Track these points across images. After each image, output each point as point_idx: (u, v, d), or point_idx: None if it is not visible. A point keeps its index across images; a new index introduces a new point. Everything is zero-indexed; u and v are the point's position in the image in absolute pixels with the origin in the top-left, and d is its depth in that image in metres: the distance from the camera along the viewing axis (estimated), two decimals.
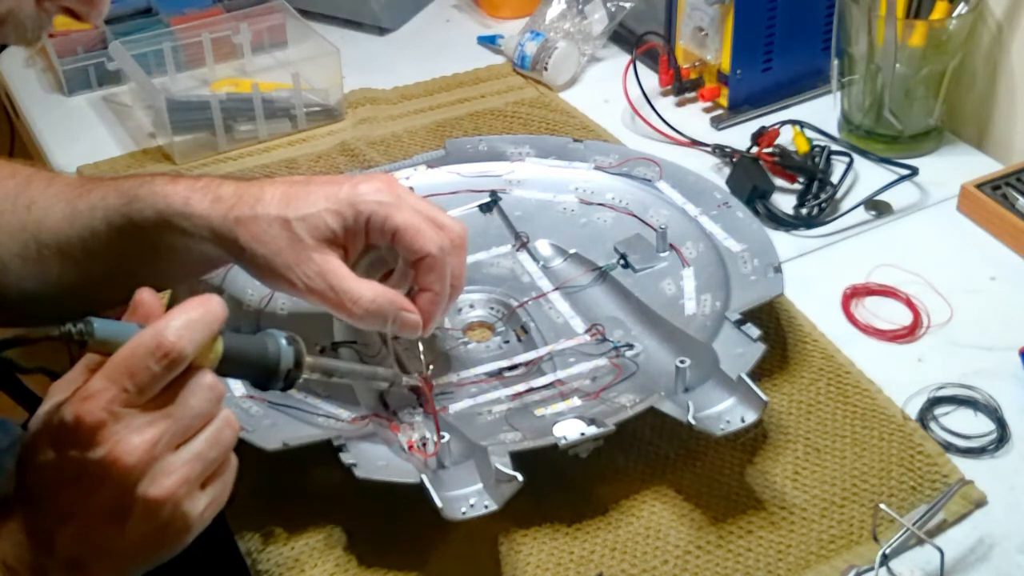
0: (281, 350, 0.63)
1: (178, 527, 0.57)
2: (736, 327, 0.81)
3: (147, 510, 0.55)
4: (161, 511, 0.55)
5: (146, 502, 0.55)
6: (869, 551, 0.72)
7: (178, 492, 0.55)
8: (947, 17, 1.04)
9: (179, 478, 0.55)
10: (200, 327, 0.55)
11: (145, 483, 0.55)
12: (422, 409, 0.80)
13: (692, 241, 0.93)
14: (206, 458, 0.57)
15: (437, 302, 0.76)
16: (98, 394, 0.53)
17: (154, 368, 0.53)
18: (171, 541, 0.57)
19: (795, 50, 1.17)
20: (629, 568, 0.73)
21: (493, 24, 1.38)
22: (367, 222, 0.75)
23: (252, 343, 0.63)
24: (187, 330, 0.54)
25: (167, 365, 0.54)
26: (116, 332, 0.54)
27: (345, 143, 1.14)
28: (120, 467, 0.54)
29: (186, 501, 0.56)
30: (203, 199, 0.75)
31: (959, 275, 0.94)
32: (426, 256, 0.75)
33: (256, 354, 0.62)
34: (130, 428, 0.54)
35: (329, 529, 0.76)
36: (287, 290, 0.76)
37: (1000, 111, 1.11)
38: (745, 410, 0.74)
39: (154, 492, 0.55)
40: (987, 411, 0.82)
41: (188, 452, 0.56)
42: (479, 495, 0.70)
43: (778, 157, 1.06)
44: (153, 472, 0.55)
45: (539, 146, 1.05)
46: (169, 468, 0.55)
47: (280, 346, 0.63)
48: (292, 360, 0.64)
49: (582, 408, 0.79)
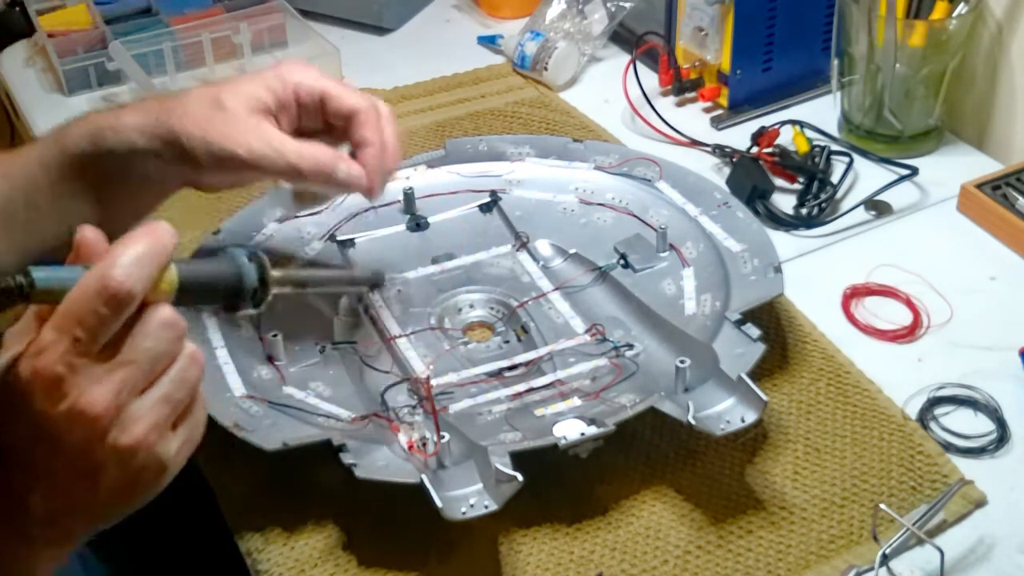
0: (243, 269, 0.59)
1: (153, 472, 0.55)
2: (736, 327, 0.81)
3: (119, 459, 0.53)
4: (134, 458, 0.54)
5: (117, 451, 0.53)
6: (869, 551, 0.72)
7: (149, 437, 0.54)
8: (947, 17, 1.04)
9: (148, 423, 0.53)
10: (147, 260, 0.52)
11: (114, 433, 0.53)
12: (422, 409, 0.80)
13: (692, 241, 0.93)
14: (173, 399, 0.54)
15: (377, 154, 0.78)
16: (51, 347, 0.51)
17: (103, 312, 0.51)
18: (147, 486, 0.56)
19: (795, 50, 1.17)
20: (629, 568, 0.73)
21: (493, 24, 1.38)
22: (296, 91, 0.77)
23: (210, 267, 0.59)
24: (134, 266, 0.51)
25: (116, 307, 0.51)
26: (60, 279, 0.51)
27: None
28: (86, 420, 0.52)
29: (158, 445, 0.54)
30: (132, 112, 0.76)
31: (959, 275, 0.94)
32: (358, 111, 0.78)
33: (216, 278, 0.58)
34: (90, 379, 0.51)
35: (329, 529, 0.76)
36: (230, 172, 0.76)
37: (1000, 111, 1.11)
38: (745, 410, 0.74)
39: (124, 440, 0.53)
40: (987, 411, 0.82)
41: (154, 396, 0.54)
42: (479, 495, 0.70)
43: (778, 157, 1.06)
44: (121, 421, 0.53)
45: (539, 146, 1.05)
46: (136, 415, 0.53)
47: (242, 265, 0.59)
48: (256, 277, 0.60)
49: (582, 408, 0.79)
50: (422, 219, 0.99)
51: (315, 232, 0.97)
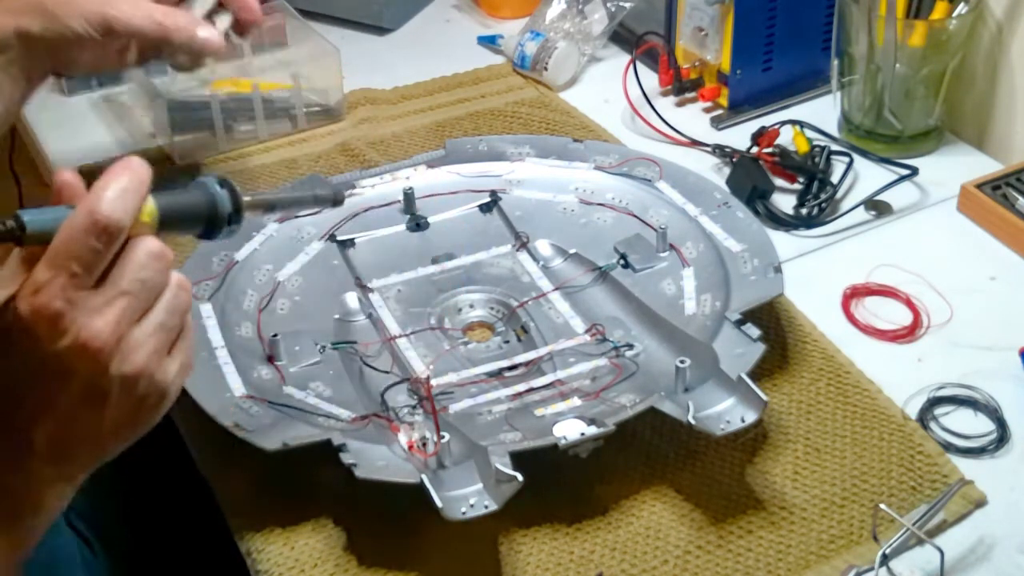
0: (216, 196, 0.61)
1: (155, 398, 0.57)
2: (736, 327, 0.81)
3: (124, 388, 0.55)
4: (137, 386, 0.55)
5: (123, 380, 0.55)
6: (869, 551, 0.72)
7: (150, 365, 0.55)
8: (947, 17, 1.04)
9: (149, 350, 0.55)
10: (130, 193, 0.54)
11: (117, 362, 0.54)
12: (422, 409, 0.80)
13: (692, 241, 0.93)
14: (168, 326, 0.56)
15: None
16: (48, 284, 0.52)
17: (95, 245, 0.52)
18: (150, 413, 0.57)
19: (795, 50, 1.17)
20: (629, 568, 0.73)
21: (493, 24, 1.38)
22: None
23: (186, 197, 0.61)
24: (119, 199, 0.53)
25: (107, 239, 0.53)
26: (49, 220, 0.53)
27: (345, 143, 1.14)
28: (90, 352, 0.53)
29: (158, 371, 0.56)
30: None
31: (959, 275, 0.94)
32: None
33: (193, 207, 0.61)
34: (90, 312, 0.53)
35: (329, 529, 0.76)
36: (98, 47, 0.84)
37: (1000, 111, 1.11)
38: (745, 410, 0.74)
39: (128, 369, 0.54)
40: (987, 411, 0.82)
41: (151, 324, 0.55)
42: (479, 495, 0.70)
43: (778, 157, 1.06)
44: (122, 350, 0.54)
45: (539, 146, 1.05)
46: (136, 343, 0.55)
47: (215, 192, 0.61)
48: (229, 203, 0.62)
49: (582, 408, 0.79)
50: (422, 219, 0.99)
51: (315, 232, 0.97)
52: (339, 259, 0.94)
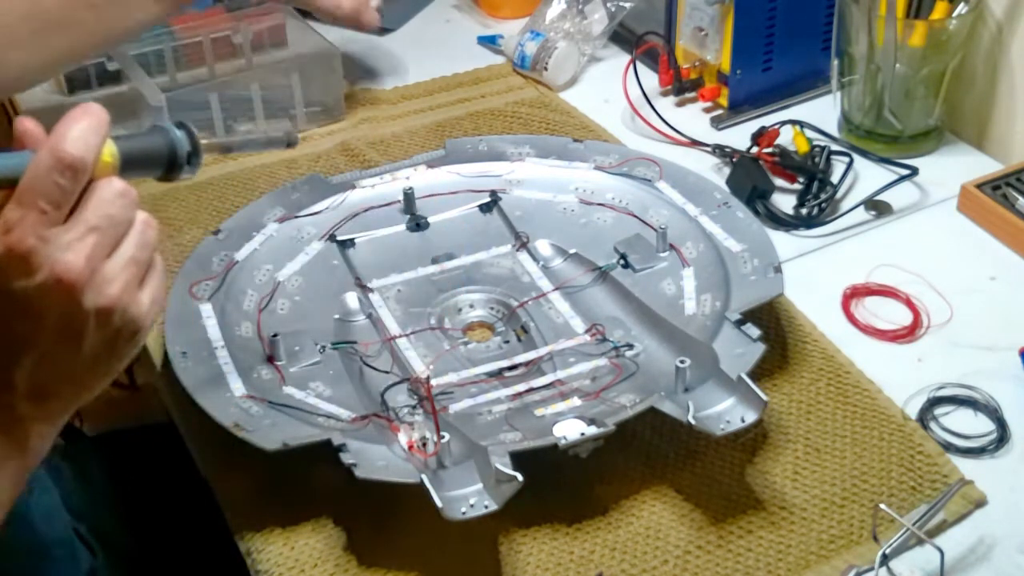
0: (175, 139, 0.63)
1: (130, 331, 0.58)
2: (736, 327, 0.81)
3: (99, 321, 0.56)
4: (112, 319, 0.56)
5: (97, 313, 0.56)
6: (869, 551, 0.72)
7: (123, 298, 0.57)
8: (947, 17, 1.04)
9: (121, 283, 0.56)
10: (92, 133, 0.55)
11: (91, 295, 0.55)
12: (422, 409, 0.80)
13: (692, 241, 0.93)
14: (139, 260, 0.58)
15: None
16: (20, 222, 0.53)
17: (62, 182, 0.54)
18: (126, 346, 0.59)
19: (795, 50, 1.17)
20: (629, 568, 0.73)
21: (493, 24, 1.38)
22: None
23: (146, 139, 0.63)
24: (81, 138, 0.54)
25: (73, 175, 0.54)
26: (15, 163, 0.54)
27: (345, 143, 1.14)
28: (65, 286, 0.54)
29: (132, 303, 0.57)
30: None
31: (959, 275, 0.94)
32: None
33: (153, 148, 0.63)
34: (62, 247, 0.54)
35: (329, 529, 0.76)
36: None
37: (1000, 111, 1.11)
38: (745, 410, 0.74)
39: (102, 301, 0.56)
40: (987, 411, 0.82)
41: (121, 258, 0.57)
42: (479, 495, 0.70)
43: (778, 157, 1.06)
44: (96, 283, 0.55)
45: (539, 146, 1.05)
46: (109, 276, 0.56)
47: (174, 135, 0.63)
48: (188, 144, 0.64)
49: (582, 408, 0.79)
50: (422, 219, 0.99)
51: (315, 232, 0.97)
52: (339, 259, 0.94)
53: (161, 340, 0.87)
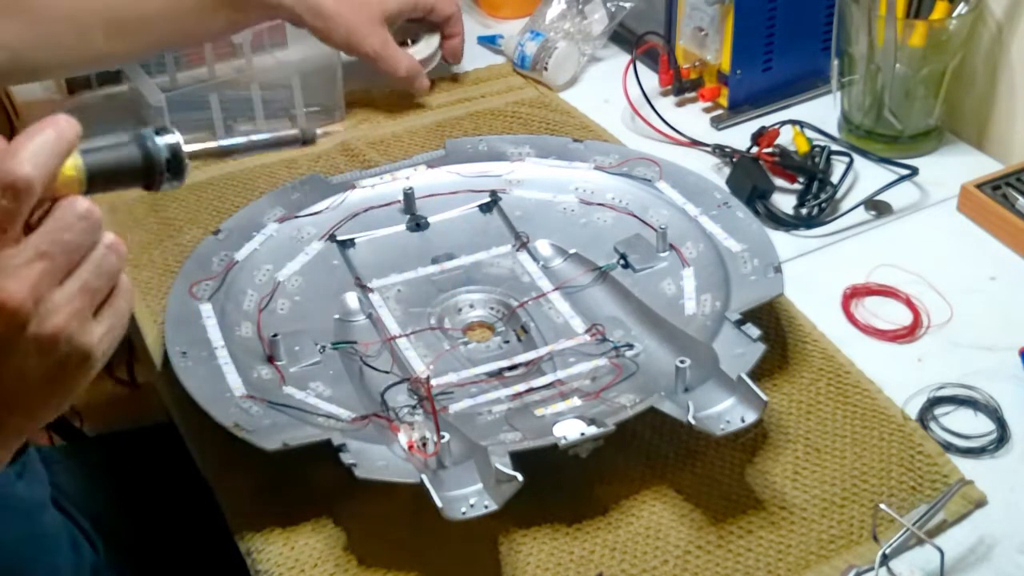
0: (151, 148, 0.58)
1: (77, 361, 0.55)
2: (736, 327, 0.81)
3: (40, 349, 0.54)
4: (55, 348, 0.54)
5: (38, 341, 0.53)
6: (869, 551, 0.72)
7: (69, 327, 0.54)
8: (947, 17, 1.04)
9: (67, 314, 0.54)
10: (44, 149, 0.52)
11: (34, 324, 0.53)
12: (422, 409, 0.80)
13: (692, 241, 0.93)
14: (91, 287, 0.55)
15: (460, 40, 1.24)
16: None
17: (3, 203, 0.51)
18: (74, 376, 0.56)
19: (795, 50, 1.17)
20: (629, 568, 0.73)
21: (493, 24, 1.38)
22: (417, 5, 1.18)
23: (118, 152, 0.58)
24: (30, 156, 0.52)
25: (15, 196, 0.51)
26: None
27: (345, 143, 1.14)
28: (5, 312, 0.52)
29: (80, 334, 0.55)
30: None
31: (959, 275, 0.94)
32: (451, 15, 1.22)
33: (125, 160, 0.58)
34: (6, 273, 0.52)
35: (329, 529, 0.76)
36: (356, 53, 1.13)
37: (1000, 111, 1.11)
38: (745, 410, 0.74)
39: (46, 331, 0.53)
40: (987, 411, 0.82)
41: (73, 286, 0.54)
42: (479, 495, 0.70)
43: (778, 157, 1.06)
44: (40, 312, 0.53)
45: (539, 146, 1.05)
46: (55, 306, 0.53)
47: (151, 144, 0.58)
48: (167, 152, 0.58)
49: (582, 408, 0.79)
50: (422, 219, 0.99)
51: (315, 232, 0.97)
52: (339, 259, 0.94)
53: (161, 340, 0.87)
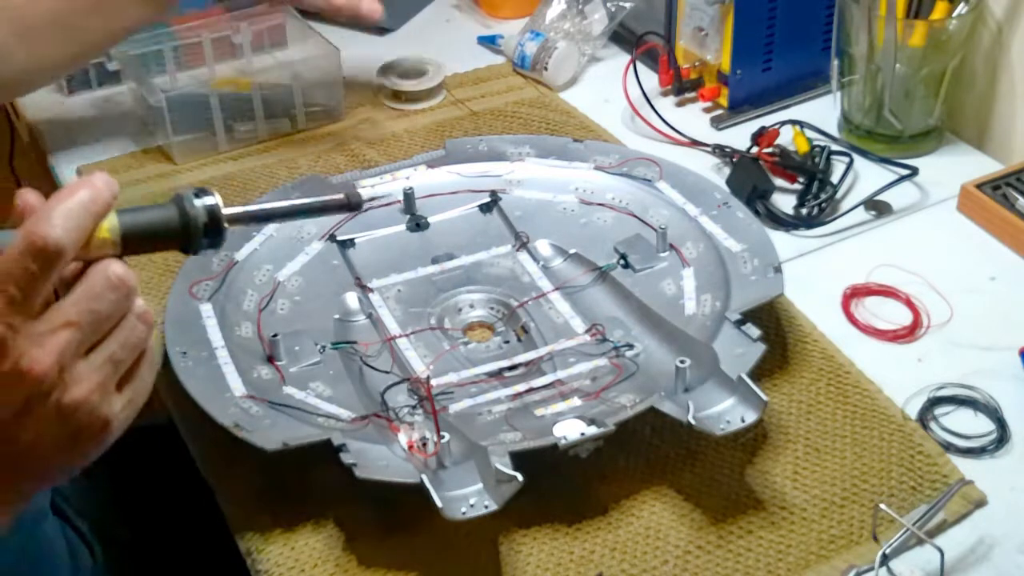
0: (188, 210, 0.57)
1: (95, 430, 0.55)
2: (736, 327, 0.81)
3: (61, 418, 0.53)
4: (75, 416, 0.53)
5: (59, 410, 0.53)
6: (869, 551, 0.72)
7: (91, 399, 0.53)
8: (947, 17, 1.04)
9: (91, 385, 0.53)
10: (77, 212, 0.51)
11: (57, 393, 0.52)
12: (422, 409, 0.80)
13: (692, 241, 0.93)
14: (118, 360, 0.54)
15: None
16: None
17: (32, 268, 0.50)
18: (89, 444, 0.55)
19: (795, 50, 1.17)
20: (629, 568, 0.73)
21: (493, 24, 1.38)
22: None
23: (155, 213, 0.57)
24: (60, 219, 0.50)
25: (44, 261, 0.50)
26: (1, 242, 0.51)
27: (345, 143, 1.14)
28: (30, 380, 0.51)
29: (101, 406, 0.54)
30: None
31: (959, 275, 0.94)
32: None
33: (162, 223, 0.56)
34: (32, 340, 0.51)
35: (329, 529, 0.76)
36: None
37: (1000, 111, 1.11)
38: (745, 410, 0.74)
39: (68, 400, 0.53)
40: (987, 411, 0.82)
41: (99, 357, 0.54)
42: (479, 495, 0.70)
43: (778, 157, 1.06)
44: (64, 381, 0.52)
45: (539, 146, 1.05)
46: (79, 376, 0.53)
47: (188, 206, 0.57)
48: (205, 215, 0.57)
49: (582, 408, 0.79)
50: (422, 219, 0.99)
51: (315, 232, 0.97)
52: (339, 259, 0.94)
53: (161, 340, 0.87)
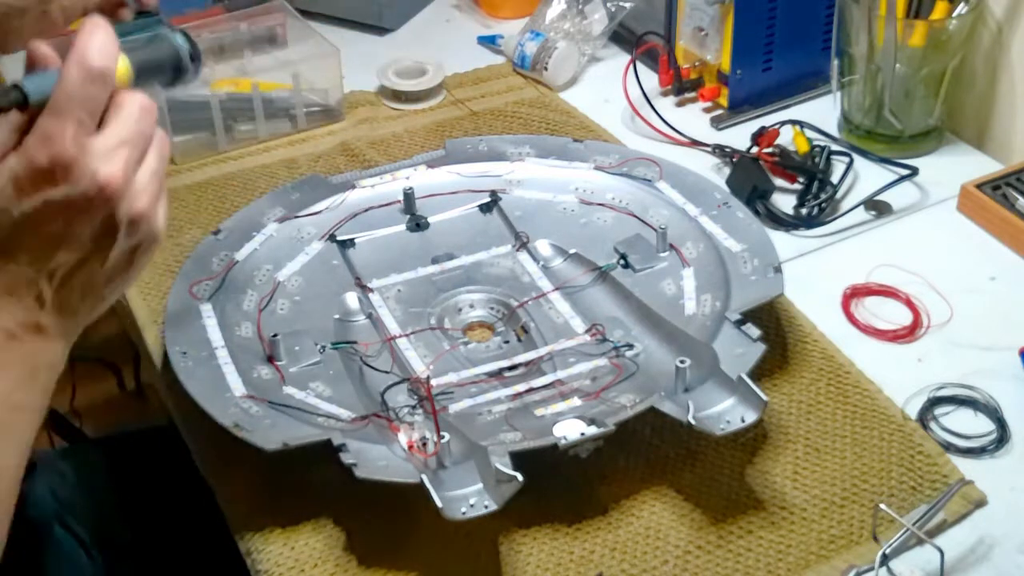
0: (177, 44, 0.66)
1: (148, 243, 0.60)
2: (736, 327, 0.81)
3: (129, 231, 0.58)
4: (139, 228, 0.58)
5: (129, 222, 0.57)
6: (869, 551, 0.72)
7: (150, 209, 0.58)
8: (947, 17, 1.04)
9: (150, 195, 0.58)
10: (110, 44, 0.56)
11: (125, 205, 0.57)
12: (422, 409, 0.80)
13: (692, 241, 0.93)
14: (159, 173, 0.60)
15: None
16: (59, 133, 0.54)
17: (92, 91, 0.55)
18: (142, 258, 0.60)
19: (795, 50, 1.17)
20: (629, 568, 0.73)
21: (493, 24, 1.38)
22: None
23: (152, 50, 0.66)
24: (102, 49, 0.56)
25: (102, 84, 0.55)
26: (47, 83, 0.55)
27: (345, 143, 1.14)
28: (105, 195, 0.56)
29: (155, 217, 0.59)
30: None
31: (959, 275, 0.94)
32: None
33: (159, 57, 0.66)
34: (100, 158, 0.55)
35: (329, 529, 0.76)
36: None
37: (1000, 111, 1.11)
38: (745, 410, 0.74)
39: (135, 211, 0.57)
40: (987, 411, 0.82)
41: (148, 170, 0.58)
42: (479, 495, 0.70)
43: (778, 157, 1.06)
44: (130, 194, 0.57)
45: (539, 146, 1.05)
46: (140, 187, 0.58)
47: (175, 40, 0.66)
48: (189, 48, 0.66)
49: (582, 408, 0.79)
50: (422, 219, 0.99)
51: (315, 232, 0.97)
52: (339, 259, 0.94)
53: (161, 340, 0.87)
